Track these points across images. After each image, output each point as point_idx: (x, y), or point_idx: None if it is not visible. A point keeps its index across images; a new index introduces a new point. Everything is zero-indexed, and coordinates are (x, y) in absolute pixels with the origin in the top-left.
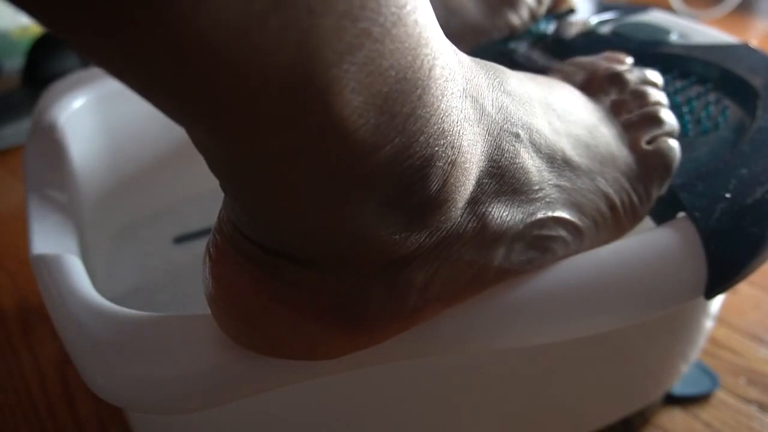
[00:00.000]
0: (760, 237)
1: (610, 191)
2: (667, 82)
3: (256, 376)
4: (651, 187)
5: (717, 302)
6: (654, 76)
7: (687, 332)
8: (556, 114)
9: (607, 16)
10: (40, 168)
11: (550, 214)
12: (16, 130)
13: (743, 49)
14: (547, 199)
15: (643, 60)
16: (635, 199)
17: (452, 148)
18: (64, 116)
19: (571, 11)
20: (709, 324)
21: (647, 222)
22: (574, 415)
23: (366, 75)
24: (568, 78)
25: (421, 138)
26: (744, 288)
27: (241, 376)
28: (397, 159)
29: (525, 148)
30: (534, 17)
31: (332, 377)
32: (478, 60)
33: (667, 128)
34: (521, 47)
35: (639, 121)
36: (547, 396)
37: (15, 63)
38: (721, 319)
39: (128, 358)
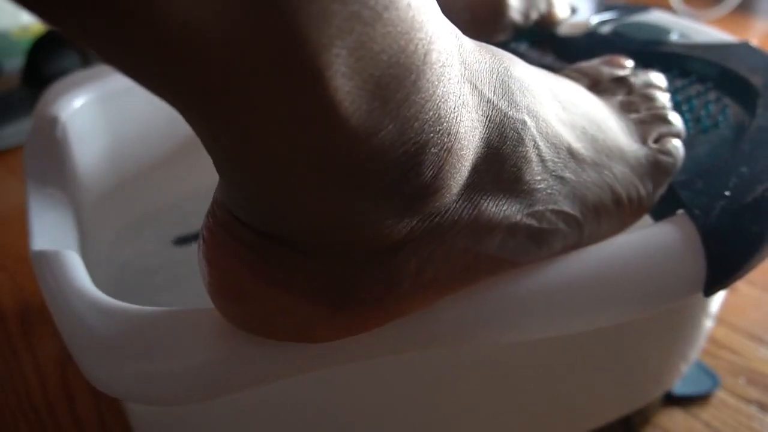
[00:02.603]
0: (759, 235)
1: (618, 186)
2: (667, 81)
3: (255, 368)
4: (656, 183)
5: (717, 302)
6: (658, 79)
7: (687, 332)
8: (562, 105)
9: (608, 16)
10: (41, 166)
11: (550, 206)
12: (16, 130)
13: (743, 48)
14: (549, 191)
15: (643, 59)
16: (643, 193)
17: (448, 135)
18: (65, 116)
19: (573, 11)
20: (709, 324)
21: (646, 219)
22: (574, 413)
23: (357, 59)
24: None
25: (416, 124)
26: (744, 288)
27: (240, 368)
28: (392, 145)
29: (530, 136)
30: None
31: (333, 371)
32: (483, 45)
33: (673, 129)
34: (521, 47)
35: (648, 119)
36: (547, 394)
37: (15, 63)
38: (721, 319)
39: (127, 350)
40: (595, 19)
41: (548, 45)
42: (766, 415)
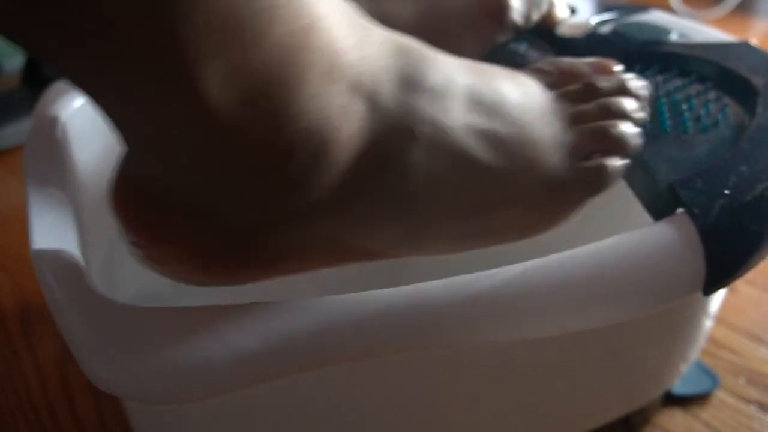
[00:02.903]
0: (758, 234)
1: (522, 197)
2: (666, 81)
3: (255, 367)
4: (569, 201)
5: (716, 301)
6: (637, 85)
7: (686, 331)
8: (482, 109)
9: (608, 16)
10: (41, 166)
11: (432, 214)
12: (16, 130)
13: (743, 48)
14: (435, 201)
15: (643, 59)
16: (552, 208)
17: (324, 143)
18: (65, 116)
19: (572, 11)
20: (708, 323)
21: (645, 218)
22: (574, 413)
23: (231, 74)
24: (542, 75)
25: (288, 132)
26: (744, 288)
27: (240, 367)
28: (263, 147)
29: (423, 146)
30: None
31: (331, 372)
32: (406, 48)
33: (615, 146)
34: (521, 47)
35: (589, 132)
36: (547, 393)
37: (15, 63)
38: (720, 319)
39: (127, 348)
40: (595, 20)
41: (548, 45)
42: (765, 415)
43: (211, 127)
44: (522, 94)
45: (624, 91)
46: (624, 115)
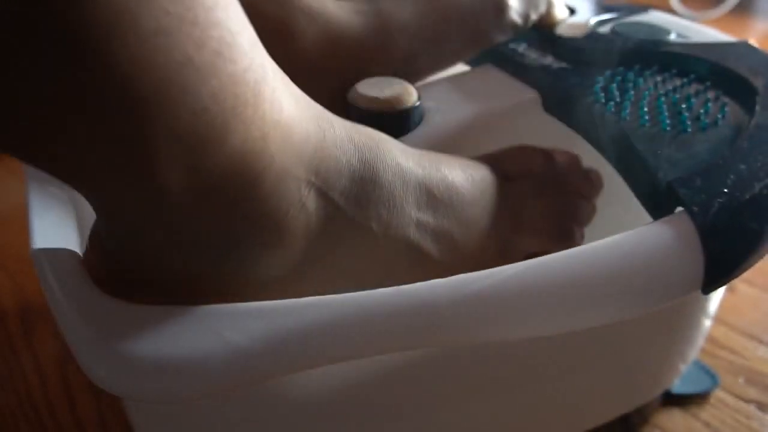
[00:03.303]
0: (757, 232)
1: None
2: (665, 80)
3: (256, 366)
4: None
5: (715, 300)
6: (592, 178)
7: (685, 330)
8: (433, 206)
9: (607, 16)
10: None
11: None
12: None
13: (742, 48)
14: (383, 282)
15: (642, 59)
16: None
17: (279, 232)
18: None
19: (572, 12)
20: (707, 323)
21: (645, 217)
22: (572, 413)
23: (189, 174)
24: (503, 161)
25: (243, 222)
26: (743, 287)
27: (241, 365)
28: (219, 232)
29: (370, 238)
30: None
31: (327, 372)
32: (360, 144)
33: (561, 246)
34: (520, 47)
35: (534, 234)
36: (546, 393)
37: None
38: (720, 319)
39: (128, 347)
40: (594, 20)
41: (547, 45)
42: (764, 415)
43: (170, 213)
44: (475, 190)
45: (577, 181)
46: (570, 215)
